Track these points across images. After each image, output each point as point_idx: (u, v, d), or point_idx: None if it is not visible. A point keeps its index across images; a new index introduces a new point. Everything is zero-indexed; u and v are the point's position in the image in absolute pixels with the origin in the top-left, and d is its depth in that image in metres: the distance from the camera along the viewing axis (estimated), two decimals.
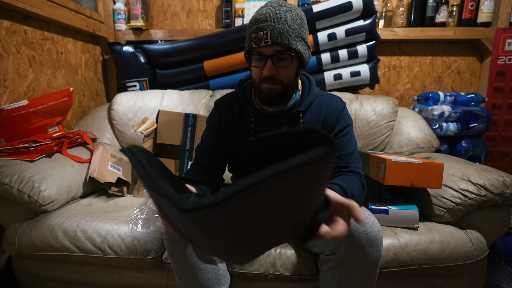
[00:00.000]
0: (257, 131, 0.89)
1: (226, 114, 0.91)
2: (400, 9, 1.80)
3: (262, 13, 0.74)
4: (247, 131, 0.90)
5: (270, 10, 0.74)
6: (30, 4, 1.27)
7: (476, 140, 1.61)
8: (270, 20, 0.73)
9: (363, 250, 0.73)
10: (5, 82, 1.25)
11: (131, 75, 1.78)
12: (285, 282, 0.94)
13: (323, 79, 1.64)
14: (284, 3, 0.77)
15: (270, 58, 0.76)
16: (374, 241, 0.73)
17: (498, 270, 1.21)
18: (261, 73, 0.78)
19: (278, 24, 0.73)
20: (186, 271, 0.82)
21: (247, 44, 0.80)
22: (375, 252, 0.74)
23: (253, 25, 0.76)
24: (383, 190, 1.15)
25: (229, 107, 0.92)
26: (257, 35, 0.74)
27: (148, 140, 1.32)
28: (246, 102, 0.89)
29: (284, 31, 0.74)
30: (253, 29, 0.75)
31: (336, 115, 0.86)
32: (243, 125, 0.90)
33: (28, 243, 1.01)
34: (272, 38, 0.73)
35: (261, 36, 0.74)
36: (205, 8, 1.96)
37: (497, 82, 1.78)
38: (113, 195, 1.28)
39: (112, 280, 1.05)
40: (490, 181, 0.98)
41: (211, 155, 0.91)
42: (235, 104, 0.92)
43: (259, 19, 0.74)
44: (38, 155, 1.14)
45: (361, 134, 1.48)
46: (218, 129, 0.92)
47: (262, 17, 0.74)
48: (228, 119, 0.91)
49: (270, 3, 0.77)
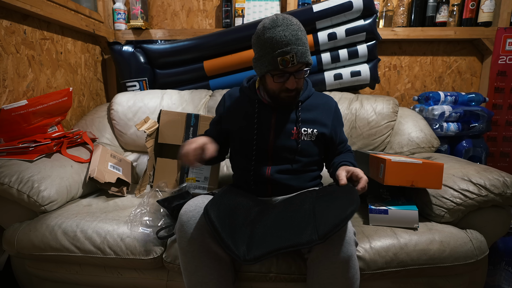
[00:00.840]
0: (260, 115, 1.01)
1: (232, 102, 1.07)
2: (401, 9, 1.80)
3: (282, 36, 0.84)
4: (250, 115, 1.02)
5: (287, 32, 0.85)
6: (30, 3, 1.27)
7: (477, 140, 1.61)
8: (292, 43, 0.85)
9: (328, 249, 0.76)
10: (5, 82, 1.25)
11: (131, 75, 1.78)
12: (285, 282, 0.93)
13: (323, 79, 1.64)
14: (291, 18, 0.88)
15: (292, 74, 0.89)
16: (339, 241, 0.76)
17: (499, 270, 1.21)
18: (282, 86, 0.92)
19: (299, 46, 0.86)
20: (199, 269, 0.83)
21: (270, 65, 0.88)
22: (342, 252, 0.76)
23: (277, 48, 0.85)
24: (383, 190, 1.15)
25: (236, 96, 1.08)
26: (284, 59, 0.85)
27: (150, 139, 1.32)
28: (250, 92, 1.04)
29: (304, 50, 0.87)
30: (278, 53, 0.85)
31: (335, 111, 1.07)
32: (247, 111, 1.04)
33: (28, 243, 1.01)
34: (297, 59, 0.86)
35: (288, 59, 0.85)
36: (205, 8, 1.96)
37: (497, 82, 1.78)
38: (113, 195, 1.28)
39: (112, 280, 1.05)
40: (490, 181, 0.97)
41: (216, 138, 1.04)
42: (241, 95, 1.08)
43: (281, 42, 0.85)
44: (37, 155, 1.14)
45: (361, 134, 1.48)
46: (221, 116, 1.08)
47: (284, 41, 0.84)
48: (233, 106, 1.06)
49: (281, 22, 0.86)
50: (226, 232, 0.76)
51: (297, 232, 0.74)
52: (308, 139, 1.00)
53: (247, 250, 0.74)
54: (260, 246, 0.75)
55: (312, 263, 0.81)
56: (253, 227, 0.82)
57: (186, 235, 0.82)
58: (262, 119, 1.00)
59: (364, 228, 0.99)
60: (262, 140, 1.00)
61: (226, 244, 0.74)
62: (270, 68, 0.88)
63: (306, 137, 1.00)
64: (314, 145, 1.02)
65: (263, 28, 0.88)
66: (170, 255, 0.96)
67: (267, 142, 1.00)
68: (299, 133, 0.99)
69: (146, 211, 1.07)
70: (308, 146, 1.01)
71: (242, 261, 0.73)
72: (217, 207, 0.80)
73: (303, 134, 0.99)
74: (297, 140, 0.99)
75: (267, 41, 0.86)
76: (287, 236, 0.75)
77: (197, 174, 1.34)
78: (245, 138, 1.01)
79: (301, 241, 0.71)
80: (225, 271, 0.85)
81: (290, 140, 0.99)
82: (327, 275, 0.78)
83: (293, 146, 0.99)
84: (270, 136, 1.00)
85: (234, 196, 0.92)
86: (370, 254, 0.91)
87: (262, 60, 0.90)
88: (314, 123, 1.01)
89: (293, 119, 1.00)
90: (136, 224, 1.02)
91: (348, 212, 0.73)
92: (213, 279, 0.83)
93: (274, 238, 0.76)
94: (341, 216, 0.72)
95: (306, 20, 1.58)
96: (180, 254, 0.85)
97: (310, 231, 0.73)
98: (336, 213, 0.74)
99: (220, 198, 0.85)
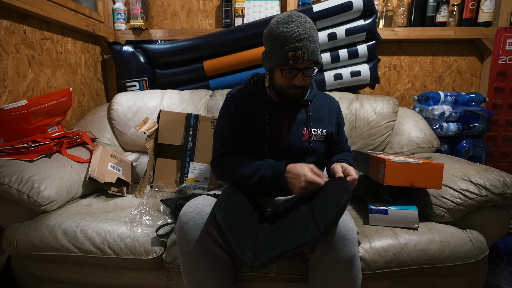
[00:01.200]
0: (271, 115, 1.00)
1: (241, 102, 1.02)
2: (401, 9, 1.80)
3: (296, 32, 0.85)
4: (260, 116, 1.00)
5: (301, 29, 0.85)
6: (30, 3, 1.27)
7: (477, 140, 1.61)
8: (304, 40, 0.85)
9: (331, 249, 0.76)
10: (5, 82, 1.25)
11: (131, 75, 1.78)
12: (285, 282, 0.93)
13: (323, 79, 1.64)
14: (305, 16, 0.89)
15: (301, 71, 0.90)
16: (342, 240, 0.75)
17: (499, 270, 1.21)
18: (290, 82, 0.92)
19: (311, 44, 0.86)
20: (199, 270, 0.82)
21: (280, 59, 0.88)
22: (345, 251, 0.76)
23: (289, 43, 0.85)
24: (383, 190, 1.15)
25: (242, 97, 1.03)
26: (295, 54, 0.86)
27: (150, 140, 1.32)
28: (259, 91, 1.02)
29: (315, 49, 0.88)
30: (290, 48, 0.85)
31: (338, 111, 1.10)
32: (256, 112, 1.01)
33: (28, 243, 1.01)
34: (308, 56, 0.86)
35: (299, 55, 0.86)
36: (205, 8, 1.96)
37: (497, 82, 1.78)
38: (112, 195, 1.28)
39: (111, 280, 1.05)
40: (490, 181, 0.97)
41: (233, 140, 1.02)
42: (246, 95, 1.03)
43: (294, 38, 0.85)
44: (37, 155, 1.14)
45: (361, 134, 1.48)
46: (235, 116, 1.02)
47: (297, 37, 0.85)
48: (243, 107, 1.02)
49: (296, 19, 0.87)
50: (233, 238, 0.75)
51: (300, 233, 0.75)
52: (318, 140, 1.01)
53: (253, 256, 0.74)
54: (265, 252, 0.75)
55: (315, 263, 0.80)
56: (257, 232, 0.82)
57: (186, 236, 0.82)
58: (274, 120, 1.00)
59: (364, 228, 0.99)
60: (275, 142, 0.99)
61: (235, 252, 0.73)
62: (280, 63, 0.89)
63: (316, 137, 1.01)
64: (322, 145, 1.03)
65: (277, 22, 0.88)
66: (170, 255, 0.96)
67: (279, 143, 0.99)
68: (310, 134, 1.00)
69: (146, 211, 1.07)
70: (318, 146, 1.02)
71: (249, 268, 0.72)
72: (224, 211, 0.79)
73: (313, 135, 1.00)
74: (308, 141, 1.00)
75: (280, 35, 0.86)
76: (291, 238, 0.75)
77: (197, 174, 1.34)
78: (256, 140, 1.00)
79: (306, 240, 0.72)
80: (225, 272, 0.85)
81: (302, 141, 1.00)
82: (331, 275, 0.78)
83: (305, 147, 1.00)
84: (283, 137, 0.99)
85: (238, 198, 0.91)
86: (370, 254, 0.91)
87: (273, 54, 0.89)
88: (322, 123, 1.02)
89: (303, 119, 1.00)
90: (136, 224, 1.02)
91: (343, 202, 0.74)
92: (213, 280, 0.83)
93: (278, 242, 0.76)
94: (337, 208, 0.73)
95: None
96: (180, 255, 0.85)
97: (312, 229, 0.73)
98: (331, 206, 0.75)
99: (226, 201, 0.83)
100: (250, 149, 1.02)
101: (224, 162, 0.99)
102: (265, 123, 0.99)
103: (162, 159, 1.36)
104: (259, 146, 1.00)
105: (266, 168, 0.92)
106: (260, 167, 0.93)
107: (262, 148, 1.00)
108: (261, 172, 0.92)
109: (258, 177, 0.92)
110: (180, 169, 1.36)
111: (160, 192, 1.20)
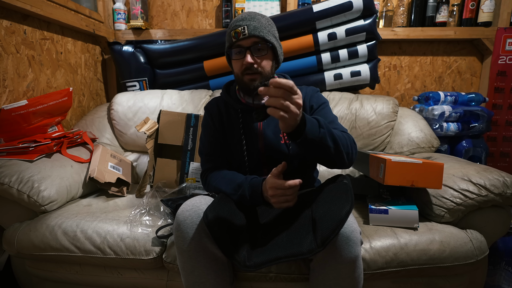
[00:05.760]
0: (245, 124, 0.98)
1: (216, 115, 1.02)
2: (401, 9, 1.80)
3: (239, 17, 0.90)
4: (236, 126, 0.99)
5: (245, 13, 0.91)
6: (30, 3, 1.27)
7: (477, 140, 1.61)
8: (246, 19, 0.88)
9: (335, 250, 0.75)
10: (5, 82, 1.25)
11: (131, 75, 1.78)
12: (285, 281, 0.93)
13: (323, 79, 1.64)
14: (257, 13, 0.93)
15: (248, 49, 0.89)
16: (346, 241, 0.75)
17: (499, 270, 1.21)
18: (242, 65, 0.90)
19: (253, 22, 0.88)
20: (196, 269, 0.82)
21: (227, 42, 0.92)
22: (348, 252, 0.75)
23: (232, 25, 0.90)
24: (383, 190, 1.15)
25: (217, 109, 1.03)
26: (236, 30, 0.88)
27: (150, 140, 1.32)
28: (231, 99, 1.00)
29: (258, 26, 0.88)
30: (231, 28, 0.90)
31: (310, 97, 1.00)
32: (232, 123, 1.00)
33: (28, 243, 1.01)
34: (249, 31, 0.87)
35: (240, 30, 0.87)
36: (205, 8, 1.96)
37: (497, 82, 1.78)
38: (113, 195, 1.28)
39: (112, 280, 1.05)
40: (490, 181, 0.97)
41: (214, 154, 1.01)
42: (222, 106, 1.03)
43: (237, 20, 0.90)
44: (37, 155, 1.14)
45: (361, 134, 1.48)
46: (213, 129, 1.01)
47: (239, 18, 0.90)
48: (218, 119, 1.01)
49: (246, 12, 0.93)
50: (226, 237, 0.76)
51: (297, 241, 0.74)
52: None
53: (248, 256, 0.75)
54: (260, 254, 0.75)
55: (318, 264, 0.80)
56: (254, 232, 0.82)
57: (182, 234, 0.82)
58: (249, 128, 0.97)
59: (364, 228, 0.99)
60: (253, 151, 0.97)
61: (227, 250, 0.75)
62: (227, 46, 0.92)
63: None
64: None
65: None
66: (170, 255, 0.96)
67: (257, 151, 0.97)
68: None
69: (146, 211, 1.07)
70: None
71: (242, 267, 0.74)
72: (217, 212, 0.79)
73: None
74: (287, 143, 0.96)
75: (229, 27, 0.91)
76: (288, 245, 0.75)
77: (197, 174, 1.34)
78: (235, 150, 0.99)
79: (302, 250, 0.72)
80: (222, 271, 0.85)
81: (280, 145, 0.96)
82: (333, 276, 0.77)
83: (284, 150, 0.96)
84: (260, 144, 0.97)
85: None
86: (370, 254, 0.91)
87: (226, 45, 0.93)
88: None
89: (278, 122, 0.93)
90: (136, 224, 1.02)
91: (343, 214, 0.72)
92: (210, 278, 0.83)
93: (274, 246, 0.76)
94: (337, 220, 0.72)
95: (306, 20, 1.58)
96: (177, 253, 0.85)
97: (310, 239, 0.73)
98: (331, 217, 0.73)
99: (220, 202, 0.84)
100: (232, 160, 1.00)
101: (209, 179, 0.97)
102: (240, 132, 0.97)
103: (162, 159, 1.36)
104: (239, 156, 0.98)
105: (245, 187, 0.87)
106: (240, 185, 0.88)
107: (241, 158, 0.98)
108: (240, 192, 0.87)
109: (239, 196, 0.88)
110: (180, 169, 1.36)
111: (160, 192, 1.20)
